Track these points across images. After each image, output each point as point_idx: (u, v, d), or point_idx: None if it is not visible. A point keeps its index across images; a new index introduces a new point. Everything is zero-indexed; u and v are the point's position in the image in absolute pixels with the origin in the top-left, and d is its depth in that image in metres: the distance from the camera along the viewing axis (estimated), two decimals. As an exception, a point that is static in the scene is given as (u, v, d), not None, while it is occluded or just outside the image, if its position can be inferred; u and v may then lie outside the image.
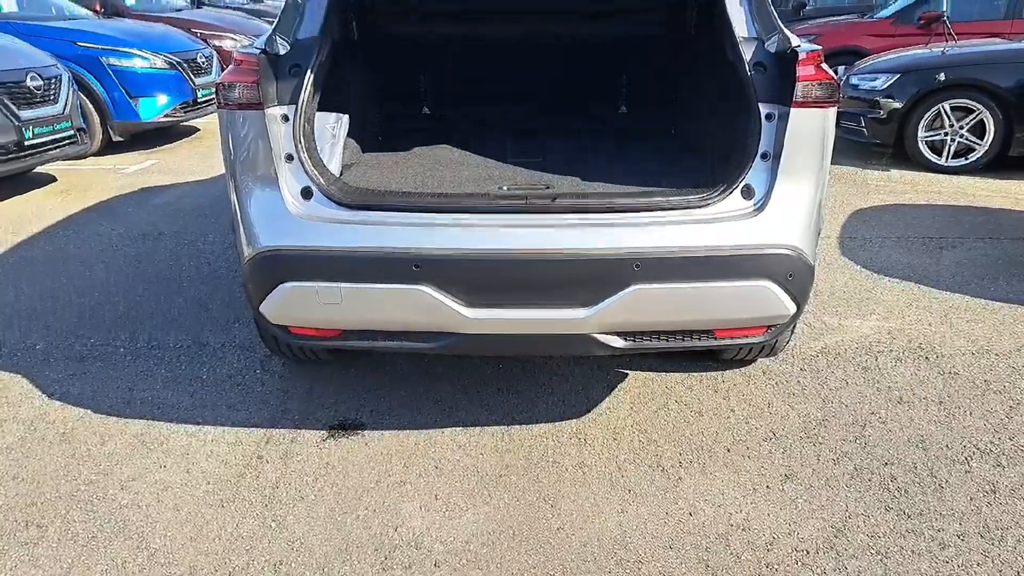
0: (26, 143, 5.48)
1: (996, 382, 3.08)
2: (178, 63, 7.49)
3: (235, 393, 3.04)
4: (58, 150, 5.85)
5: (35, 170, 6.26)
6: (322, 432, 2.78)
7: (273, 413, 2.90)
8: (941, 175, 6.38)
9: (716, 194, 2.40)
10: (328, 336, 2.53)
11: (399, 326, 2.44)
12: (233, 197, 2.51)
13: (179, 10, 10.71)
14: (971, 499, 2.41)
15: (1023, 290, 3.96)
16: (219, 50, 8.95)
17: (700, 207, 2.38)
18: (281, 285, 2.36)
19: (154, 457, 2.65)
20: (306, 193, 2.43)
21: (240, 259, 2.48)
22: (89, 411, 2.92)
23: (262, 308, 2.43)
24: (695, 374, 3.14)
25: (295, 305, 2.40)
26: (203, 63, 7.88)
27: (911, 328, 3.56)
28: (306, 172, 2.45)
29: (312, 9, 2.69)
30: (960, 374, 3.15)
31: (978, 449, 2.65)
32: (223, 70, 4.54)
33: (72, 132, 5.98)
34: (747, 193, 2.41)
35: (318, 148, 2.60)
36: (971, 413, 2.87)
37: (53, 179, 6.39)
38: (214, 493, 2.47)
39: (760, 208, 2.38)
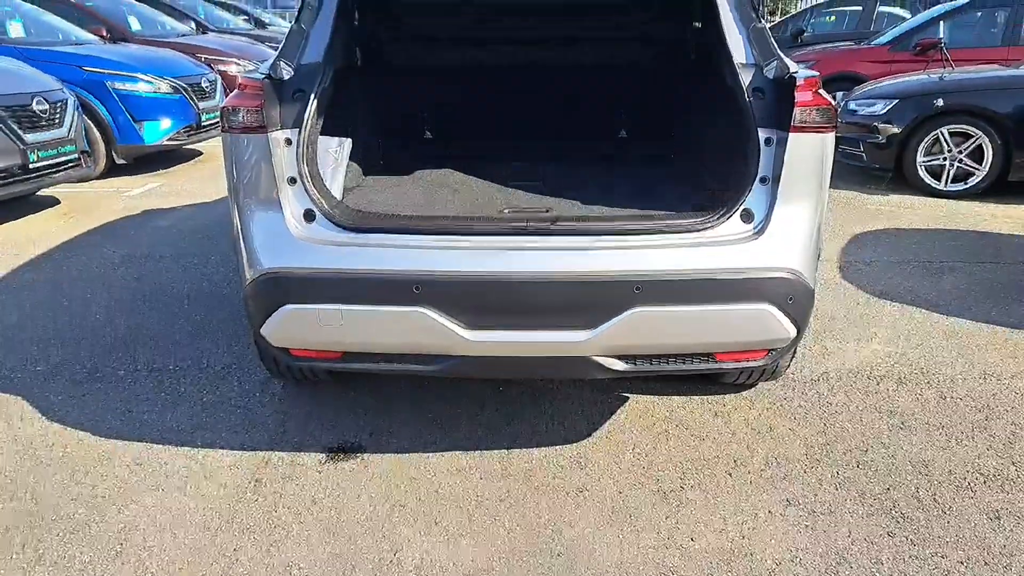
0: (31, 166, 5.51)
1: (999, 407, 3.07)
2: (182, 87, 7.56)
3: (234, 416, 3.03)
4: (62, 173, 5.89)
5: (39, 193, 6.29)
6: (321, 455, 2.77)
7: (272, 436, 2.89)
8: (940, 199, 6.41)
9: (716, 217, 2.41)
10: (328, 358, 2.53)
11: (399, 348, 2.44)
12: (236, 219, 2.53)
13: (184, 35, 10.84)
14: (975, 525, 2.39)
15: (1024, 314, 3.96)
16: (223, 75, 9.04)
17: (700, 230, 2.39)
18: (282, 307, 2.36)
19: (152, 480, 2.64)
20: (308, 216, 2.45)
21: (242, 281, 2.49)
22: (88, 433, 2.91)
23: (263, 330, 2.43)
24: (696, 398, 3.13)
25: (296, 327, 2.41)
26: (207, 87, 7.96)
27: (913, 352, 3.55)
28: (308, 195, 2.46)
29: (316, 36, 2.72)
30: (962, 399, 3.13)
31: (981, 475, 2.64)
32: (227, 94, 4.56)
33: (76, 155, 6.02)
34: (747, 217, 2.42)
35: (321, 171, 2.62)
36: (974, 438, 2.85)
37: (56, 201, 6.43)
38: (212, 517, 2.45)
39: (760, 232, 2.40)
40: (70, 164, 5.95)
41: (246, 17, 15.90)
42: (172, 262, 4.81)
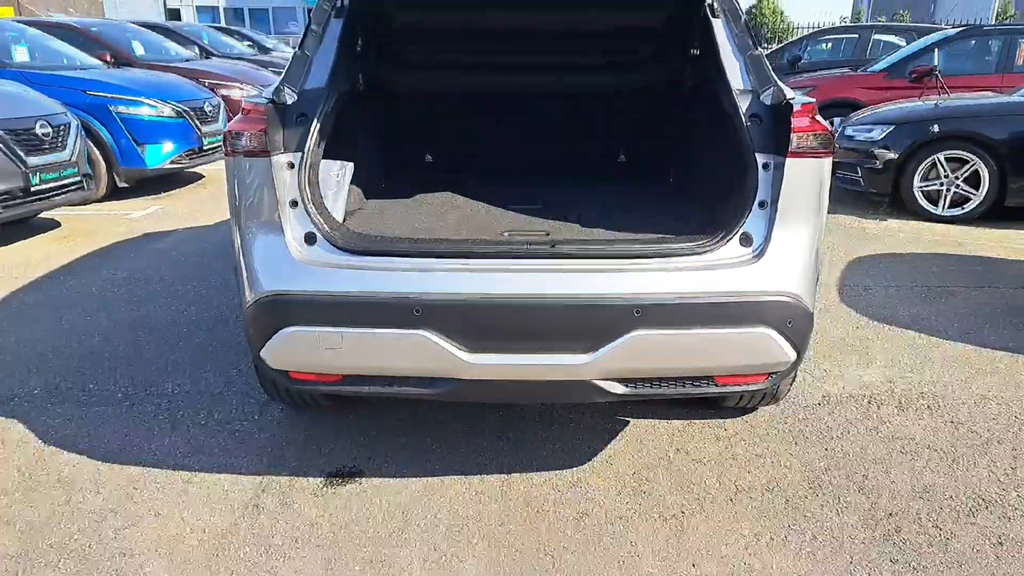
0: (32, 188, 5.54)
1: (1000, 432, 3.06)
2: (185, 111, 7.62)
3: (233, 439, 3.02)
4: (64, 196, 5.92)
5: (39, 215, 6.31)
6: (320, 479, 2.75)
7: (270, 460, 2.88)
8: (938, 224, 6.44)
9: (715, 241, 2.42)
10: (328, 381, 2.53)
11: (399, 371, 2.44)
12: (237, 242, 2.54)
13: (188, 60, 10.94)
14: (977, 551, 2.37)
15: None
16: (226, 99, 9.11)
17: (699, 254, 2.40)
18: (282, 330, 2.36)
19: (149, 504, 2.62)
20: (309, 238, 2.46)
21: (242, 304, 2.50)
22: (85, 457, 2.90)
23: (263, 353, 2.43)
24: (696, 422, 3.12)
25: (296, 350, 2.40)
26: (210, 112, 8.02)
27: (913, 376, 3.55)
28: (310, 218, 2.48)
29: (319, 61, 2.76)
30: (963, 423, 3.13)
31: (983, 500, 2.62)
32: (230, 118, 4.55)
33: (78, 178, 6.05)
34: (745, 240, 2.44)
35: (322, 194, 2.63)
36: (975, 464, 2.84)
37: (57, 224, 6.44)
38: (209, 542, 2.43)
39: (759, 255, 2.41)
40: (72, 187, 5.98)
41: (250, 43, 16.06)
42: (172, 285, 4.82)
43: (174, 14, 36.11)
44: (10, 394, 3.38)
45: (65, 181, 5.87)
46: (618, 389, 2.42)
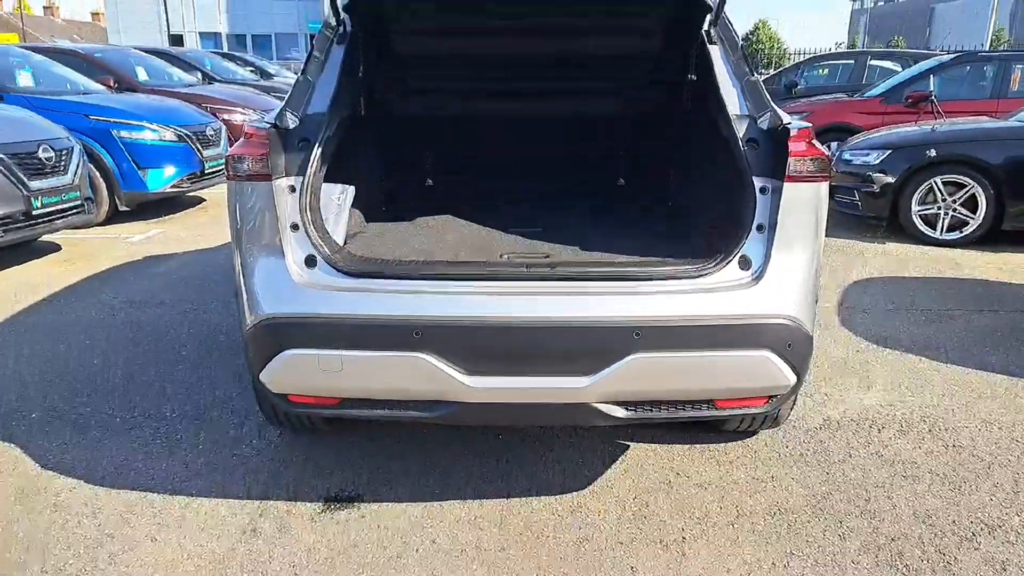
0: (34, 212, 5.55)
1: (1001, 456, 3.05)
2: (187, 135, 7.66)
3: (231, 463, 3.00)
4: (65, 219, 5.93)
5: (40, 239, 6.33)
6: (318, 504, 2.73)
7: (268, 484, 2.86)
8: (936, 248, 6.46)
9: (714, 264, 2.43)
10: (327, 404, 2.52)
11: (399, 394, 2.43)
12: (238, 265, 2.55)
13: (190, 86, 11.04)
14: (982, 577, 2.35)
15: None
16: (228, 123, 9.17)
17: (698, 276, 2.41)
18: (282, 352, 2.36)
19: (145, 529, 2.60)
20: (310, 261, 2.47)
21: (241, 327, 2.50)
22: (81, 481, 2.88)
23: (262, 376, 2.42)
24: (697, 446, 3.11)
25: (295, 373, 2.40)
26: (212, 136, 8.06)
27: (913, 400, 3.54)
28: (310, 241, 2.49)
29: (322, 87, 2.79)
30: (964, 447, 3.11)
31: (986, 525, 2.60)
32: (231, 143, 4.55)
33: (80, 202, 6.07)
34: (744, 264, 2.44)
35: (323, 218, 2.65)
36: (978, 488, 2.83)
37: (57, 248, 6.46)
38: (206, 568, 2.41)
39: (757, 278, 2.42)
40: (73, 210, 6.00)
41: (252, 68, 16.22)
42: (171, 308, 4.82)
43: (177, 40, 36.53)
44: (7, 417, 3.37)
45: (66, 205, 5.89)
46: (618, 413, 2.42)
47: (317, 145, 2.61)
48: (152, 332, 4.40)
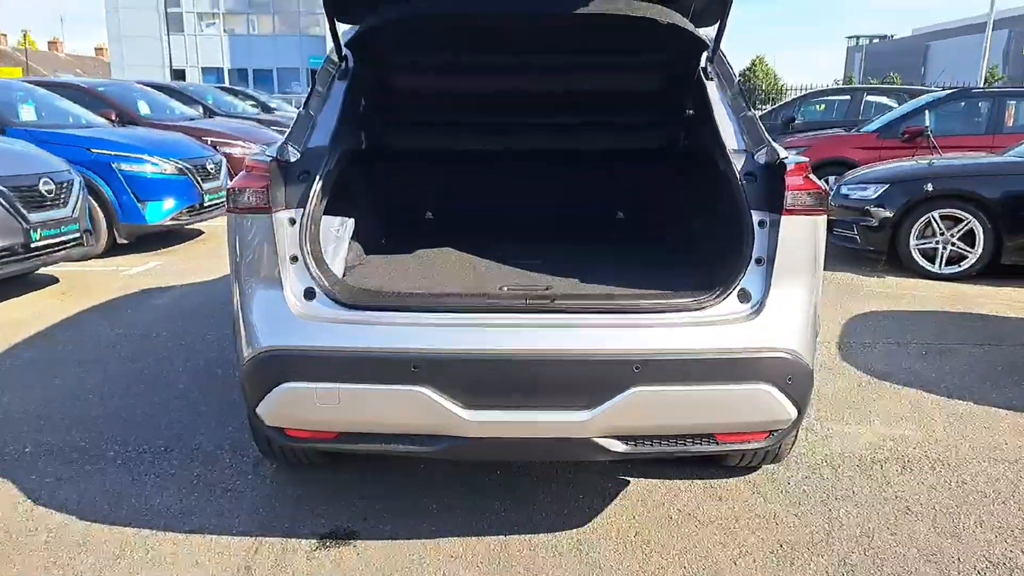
0: (32, 244, 5.56)
1: (1005, 491, 3.01)
2: (187, 168, 7.70)
3: (225, 499, 2.96)
4: (64, 252, 5.93)
5: (38, 271, 6.32)
6: (313, 541, 2.69)
7: (263, 520, 2.81)
8: (936, 282, 6.46)
9: (713, 297, 2.43)
10: (324, 438, 2.50)
11: (396, 428, 2.41)
12: (236, 298, 2.54)
13: (192, 119, 11.14)
14: (990, 617, 2.30)
15: (1025, 397, 3.94)
16: (229, 157, 9.23)
17: (698, 309, 2.41)
18: (279, 385, 2.34)
19: (139, 566, 2.55)
20: (308, 294, 2.46)
21: (239, 360, 2.48)
22: (74, 517, 2.83)
23: (259, 409, 2.40)
24: (698, 482, 3.07)
25: (292, 406, 2.38)
26: (212, 169, 8.11)
27: (915, 435, 3.51)
28: (309, 273, 2.48)
29: (323, 121, 2.81)
30: (967, 483, 3.08)
31: (991, 562, 2.56)
32: (232, 175, 4.56)
33: (79, 234, 6.08)
34: (743, 297, 2.44)
35: (323, 250, 2.65)
36: (982, 524, 2.79)
37: (55, 280, 6.45)
38: (198, 606, 2.36)
39: (757, 311, 2.41)
40: (72, 243, 6.00)
41: (253, 102, 16.40)
42: (168, 341, 4.79)
43: (180, 75, 36.98)
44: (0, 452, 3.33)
45: (65, 237, 5.90)
46: (618, 447, 2.39)
47: (318, 178, 2.62)
48: (148, 365, 4.37)
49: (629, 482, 3.06)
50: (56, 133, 7.39)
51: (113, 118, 8.97)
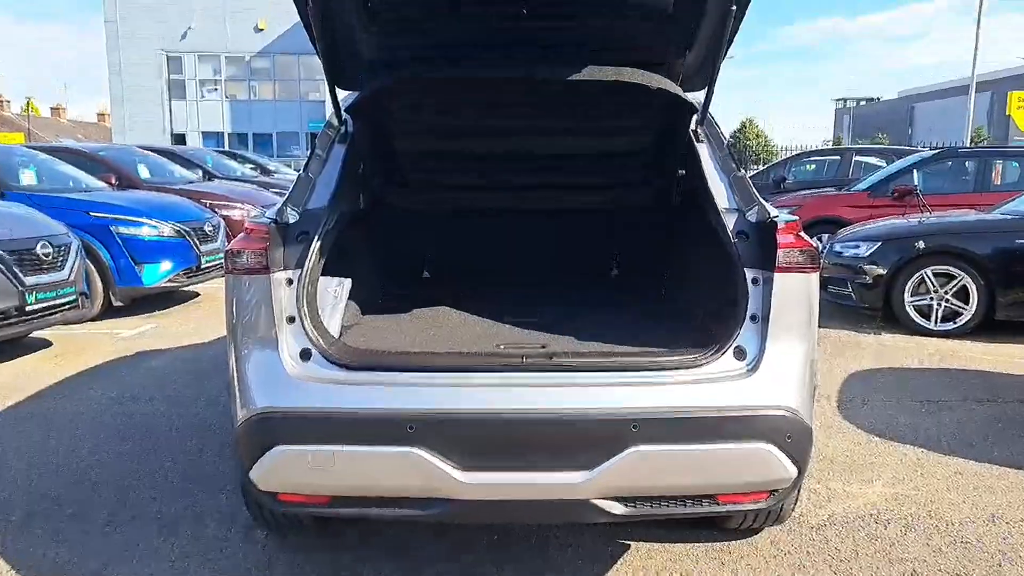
0: (28, 307, 5.54)
1: (1011, 552, 2.95)
2: (185, 231, 7.75)
3: (217, 565, 2.88)
4: (59, 315, 5.92)
5: (32, 334, 6.29)
6: (305, 610, 2.61)
7: (254, 589, 2.74)
8: (932, 338, 6.47)
9: (709, 354, 2.43)
10: (317, 503, 2.45)
11: (391, 491, 2.36)
12: (232, 360, 2.52)
13: (191, 183, 11.27)
14: None
15: (1027, 454, 3.90)
16: (227, 219, 9.31)
17: (694, 367, 2.40)
18: (273, 448, 2.30)
19: (123, 639, 2.46)
20: (305, 354, 2.45)
21: (233, 422, 2.45)
22: (59, 587, 2.75)
23: (252, 473, 2.36)
24: (700, 545, 3.00)
25: (286, 469, 2.33)
26: (210, 231, 8.16)
27: (918, 494, 3.46)
28: (306, 333, 2.48)
29: (322, 183, 2.86)
30: (972, 543, 3.02)
31: (1004, 627, 2.49)
32: (230, 238, 4.60)
33: (74, 297, 6.07)
34: (739, 354, 2.44)
35: (320, 310, 2.65)
36: (991, 587, 2.72)
37: (48, 343, 6.41)
38: None
39: (753, 369, 2.41)
40: (67, 306, 5.99)
41: (252, 165, 16.64)
42: (161, 404, 4.74)
43: (180, 139, 37.56)
44: (-14, 519, 3.25)
45: (61, 300, 5.89)
46: (617, 509, 2.35)
47: (316, 239, 2.65)
48: (140, 429, 4.31)
49: (629, 546, 2.99)
50: (55, 197, 7.47)
51: (113, 182, 9.08)
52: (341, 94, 3.14)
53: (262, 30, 38.77)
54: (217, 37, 39.28)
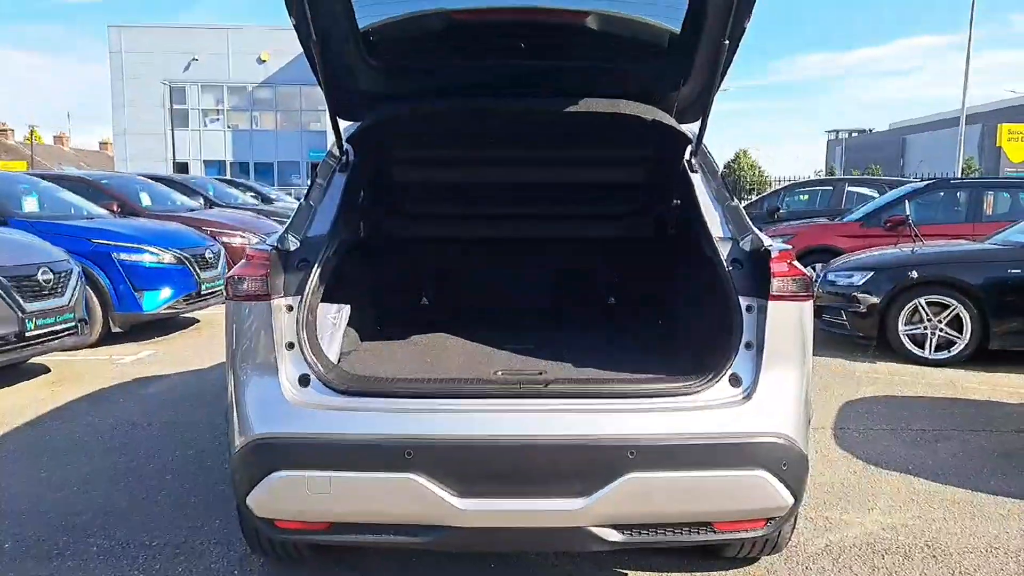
0: (27, 334, 5.56)
1: (1009, 582, 2.95)
2: (186, 258, 7.79)
3: (211, 594, 2.87)
4: (58, 341, 5.93)
5: (30, 360, 6.29)
6: (301, 638, 2.60)
7: (250, 616, 2.72)
8: (927, 367, 6.48)
9: (705, 381, 2.45)
10: (315, 530, 2.45)
11: (388, 518, 2.37)
12: (231, 386, 2.54)
13: (193, 210, 11.35)
14: None
15: (1023, 484, 3.90)
16: (228, 246, 9.37)
17: (690, 394, 2.42)
18: (271, 474, 2.31)
19: (117, 667, 2.45)
20: (303, 380, 2.47)
21: (230, 448, 2.46)
22: (53, 614, 2.74)
23: (249, 499, 2.36)
24: (697, 574, 3.00)
25: (283, 496, 2.34)
26: (210, 258, 8.20)
27: (915, 523, 3.46)
28: (305, 359, 2.50)
29: (323, 211, 2.90)
30: (970, 574, 3.02)
31: (1000, 657, 2.49)
32: (230, 265, 4.63)
33: (74, 323, 6.09)
34: (735, 381, 2.46)
35: (319, 336, 2.67)
36: (988, 616, 2.72)
37: (47, 370, 6.41)
38: None
39: (748, 396, 2.43)
40: (66, 332, 6.00)
41: (253, 194, 16.75)
42: (158, 431, 4.74)
43: (182, 167, 37.79)
44: (-19, 546, 3.24)
45: (60, 326, 5.91)
46: (614, 537, 2.36)
47: (316, 266, 2.68)
48: (136, 457, 4.31)
49: (627, 575, 2.99)
50: (57, 224, 7.52)
51: (115, 209, 9.14)
52: (343, 124, 3.20)
53: (265, 61, 39.28)
54: (220, 68, 39.77)
